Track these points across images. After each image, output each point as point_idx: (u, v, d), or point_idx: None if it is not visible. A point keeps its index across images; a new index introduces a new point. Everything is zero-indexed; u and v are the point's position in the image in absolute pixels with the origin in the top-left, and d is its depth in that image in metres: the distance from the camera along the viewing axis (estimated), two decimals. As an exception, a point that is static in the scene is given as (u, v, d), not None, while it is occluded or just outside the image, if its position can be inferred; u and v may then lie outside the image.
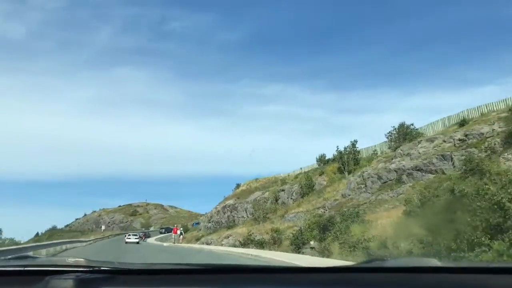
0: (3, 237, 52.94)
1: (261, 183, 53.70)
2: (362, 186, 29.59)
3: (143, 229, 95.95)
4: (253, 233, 26.50)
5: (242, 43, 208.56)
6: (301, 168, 51.02)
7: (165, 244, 41.28)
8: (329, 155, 46.98)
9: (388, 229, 15.06)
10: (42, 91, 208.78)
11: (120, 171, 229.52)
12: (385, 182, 27.88)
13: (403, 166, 27.19)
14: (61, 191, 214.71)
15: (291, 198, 42.78)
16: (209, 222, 54.31)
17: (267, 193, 47.59)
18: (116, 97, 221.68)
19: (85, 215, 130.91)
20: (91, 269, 1.63)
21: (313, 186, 39.65)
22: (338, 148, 40.24)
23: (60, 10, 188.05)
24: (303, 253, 18.55)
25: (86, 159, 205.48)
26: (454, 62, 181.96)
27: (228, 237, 33.57)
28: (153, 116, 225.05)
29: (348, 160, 38.73)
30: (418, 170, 25.88)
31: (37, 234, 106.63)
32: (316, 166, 47.81)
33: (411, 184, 25.49)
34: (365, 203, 26.82)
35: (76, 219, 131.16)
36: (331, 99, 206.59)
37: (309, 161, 53.88)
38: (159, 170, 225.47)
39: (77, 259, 1.79)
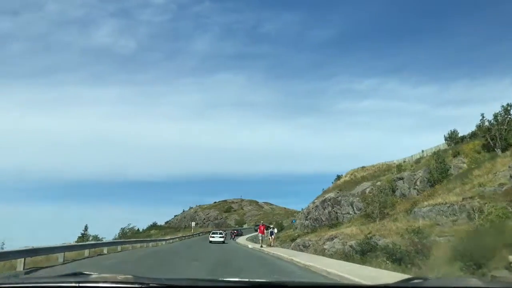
0: (88, 234, 50.68)
1: (369, 171, 43.61)
2: (550, 162, 18.60)
3: (236, 226, 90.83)
4: (374, 235, 17.21)
5: (335, 39, 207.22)
6: (422, 151, 39.88)
7: (250, 245, 33.63)
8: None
9: None
10: (149, 99, 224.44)
11: (218, 170, 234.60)
12: None
13: None
14: (166, 190, 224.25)
15: (415, 188, 32.29)
16: (306, 220, 45.64)
17: (378, 183, 37.54)
18: (215, 100, 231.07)
19: (183, 211, 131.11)
20: (140, 285, 1.79)
21: (447, 170, 28.82)
22: (483, 118, 28.80)
23: (165, 23, 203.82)
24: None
25: (188, 159, 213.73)
26: None
27: (333, 238, 24.56)
28: (249, 116, 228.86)
29: (500, 133, 27.29)
30: None
31: (138, 230, 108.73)
32: (444, 146, 36.47)
33: None
34: None
35: (175, 215, 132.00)
36: (431, 92, 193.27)
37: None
38: (255, 169, 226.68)
39: (126, 276, 1.97)
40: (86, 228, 49.66)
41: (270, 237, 31.42)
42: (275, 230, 34.36)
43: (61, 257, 14.91)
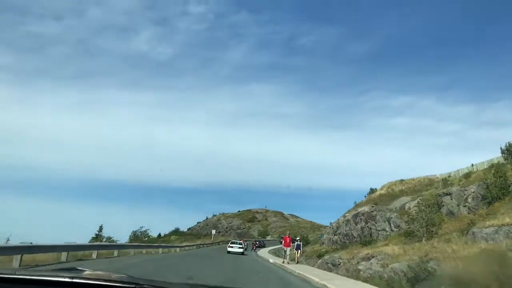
0: (102, 235, 48.21)
1: (409, 185, 39.19)
2: None
3: (259, 237, 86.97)
4: (431, 258, 13.31)
5: (373, 54, 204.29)
6: (472, 165, 35.23)
7: (271, 260, 29.86)
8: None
9: None
10: (182, 105, 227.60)
11: (245, 180, 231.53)
12: None
13: None
14: (193, 197, 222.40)
15: (465, 205, 27.86)
16: (334, 235, 41.59)
17: (419, 198, 33.20)
18: (247, 110, 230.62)
19: (206, 218, 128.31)
20: (134, 285, 1.77)
21: (509, 186, 24.36)
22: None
23: (202, 32, 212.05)
24: None
25: (216, 167, 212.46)
26: None
27: (369, 258, 20.65)
28: (280, 128, 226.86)
29: None
30: None
31: (159, 235, 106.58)
32: (498, 160, 31.79)
33: None
34: None
35: (198, 222, 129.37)
36: (469, 111, 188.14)
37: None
38: (282, 180, 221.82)
39: (121, 275, 1.93)
40: (100, 229, 47.21)
41: (296, 252, 27.47)
42: (301, 244, 30.39)
43: (17, 260, 11.82)
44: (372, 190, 48.89)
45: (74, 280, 1.72)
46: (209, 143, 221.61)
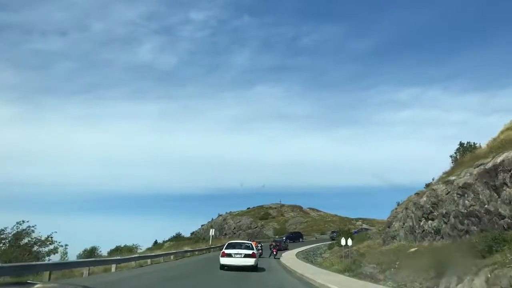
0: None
1: None
2: None
3: (276, 237, 67.72)
4: None
5: (376, 49, 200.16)
6: None
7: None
8: None
9: None
10: (189, 113, 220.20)
11: (256, 183, 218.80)
12: None
13: None
14: (203, 203, 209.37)
15: None
16: (427, 219, 22.24)
17: None
18: (254, 113, 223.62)
19: (211, 220, 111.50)
20: None
21: None
22: None
23: (205, 38, 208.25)
24: None
25: (227, 172, 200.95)
26: None
27: None
28: (288, 129, 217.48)
29: None
30: None
31: (156, 242, 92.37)
32: None
33: None
34: None
35: (202, 225, 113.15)
36: (477, 100, 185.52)
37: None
38: (293, 181, 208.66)
39: (76, 285, 1.84)
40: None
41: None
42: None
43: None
44: (463, 150, 29.30)
45: None
46: (217, 149, 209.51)
